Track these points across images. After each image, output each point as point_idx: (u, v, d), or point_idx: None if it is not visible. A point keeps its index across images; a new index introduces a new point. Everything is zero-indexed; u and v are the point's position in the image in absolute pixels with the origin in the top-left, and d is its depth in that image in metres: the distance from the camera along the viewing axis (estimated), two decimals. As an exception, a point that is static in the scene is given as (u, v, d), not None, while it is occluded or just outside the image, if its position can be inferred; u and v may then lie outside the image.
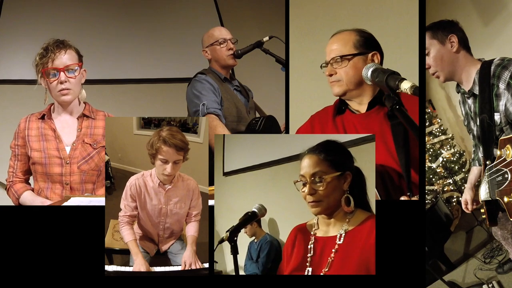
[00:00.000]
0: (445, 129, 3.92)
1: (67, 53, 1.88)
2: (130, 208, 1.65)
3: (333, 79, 1.71)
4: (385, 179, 1.57)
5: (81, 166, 1.92)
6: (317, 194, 1.24)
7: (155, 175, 1.64)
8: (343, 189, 1.26)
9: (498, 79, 1.67)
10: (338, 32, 1.75)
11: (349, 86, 1.69)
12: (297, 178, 1.28)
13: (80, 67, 1.92)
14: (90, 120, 1.99)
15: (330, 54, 1.72)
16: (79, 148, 1.94)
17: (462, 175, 3.71)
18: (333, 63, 1.70)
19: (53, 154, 1.92)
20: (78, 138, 1.95)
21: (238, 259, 1.44)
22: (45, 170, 1.92)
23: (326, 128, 1.74)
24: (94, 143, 1.95)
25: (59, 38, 1.93)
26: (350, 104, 1.75)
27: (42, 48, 1.88)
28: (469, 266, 3.01)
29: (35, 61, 1.90)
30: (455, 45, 1.78)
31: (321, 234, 1.34)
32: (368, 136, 1.59)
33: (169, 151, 1.55)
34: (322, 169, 1.24)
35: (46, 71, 1.86)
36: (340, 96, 1.74)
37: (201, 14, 4.05)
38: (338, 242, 1.27)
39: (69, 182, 1.92)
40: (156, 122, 2.58)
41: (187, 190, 1.68)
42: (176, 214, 1.70)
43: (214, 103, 2.36)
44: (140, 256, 1.61)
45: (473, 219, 3.35)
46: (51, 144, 1.94)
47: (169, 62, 4.01)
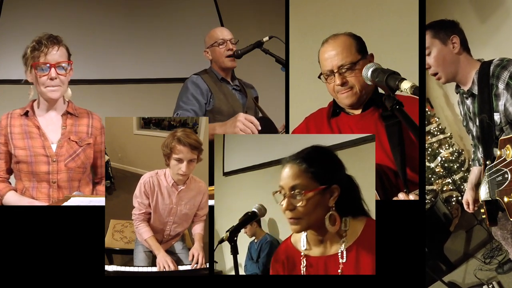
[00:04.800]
0: (443, 128, 3.90)
1: (60, 50, 1.85)
2: (144, 206, 1.68)
3: (346, 88, 1.64)
4: (382, 178, 1.58)
5: (68, 163, 1.89)
6: (296, 210, 1.07)
7: (169, 174, 1.67)
8: (328, 205, 1.09)
9: (498, 79, 1.67)
10: (331, 38, 1.69)
11: (362, 93, 1.65)
12: (276, 190, 1.11)
13: (70, 65, 1.87)
14: (74, 117, 1.95)
15: (333, 62, 1.65)
16: (66, 145, 1.90)
17: (461, 174, 3.69)
18: (343, 71, 1.63)
19: (39, 152, 1.87)
20: (64, 136, 1.91)
21: (238, 259, 1.44)
22: (30, 168, 1.87)
23: (321, 130, 1.73)
24: (79, 141, 1.92)
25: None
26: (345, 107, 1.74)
27: (34, 41, 1.83)
28: (469, 267, 3.01)
29: (24, 53, 1.84)
30: (457, 46, 1.77)
31: (317, 253, 1.18)
32: (368, 136, 1.60)
33: (183, 150, 1.59)
34: (302, 182, 1.06)
35: (37, 65, 1.81)
36: (353, 105, 1.68)
37: (201, 14, 4.05)
38: (341, 261, 1.12)
39: (56, 180, 1.88)
40: (156, 122, 2.59)
41: (198, 192, 1.71)
42: (185, 215, 1.72)
43: (189, 111, 2.40)
44: (162, 251, 1.64)
45: (473, 218, 3.34)
46: (36, 142, 1.89)
47: (169, 62, 4.01)
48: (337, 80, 1.64)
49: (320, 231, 1.12)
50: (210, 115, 2.45)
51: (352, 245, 1.09)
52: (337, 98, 1.71)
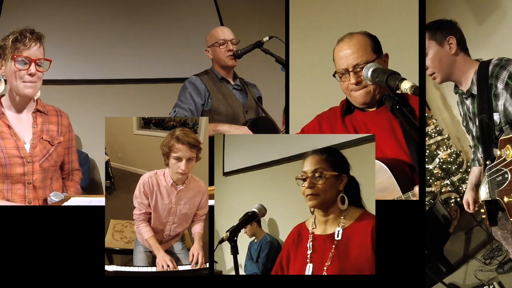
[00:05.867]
0: (441, 130, 3.89)
1: (40, 47, 1.78)
2: (144, 206, 1.68)
3: (360, 87, 1.64)
4: (398, 172, 1.58)
5: (43, 164, 1.84)
6: (316, 188, 1.35)
7: (168, 174, 1.67)
8: (339, 188, 1.36)
9: (497, 79, 1.67)
10: (347, 36, 1.68)
11: (375, 92, 1.65)
12: (299, 175, 1.38)
13: (50, 63, 1.80)
14: (43, 115, 1.89)
15: (348, 60, 1.64)
16: (39, 145, 1.84)
17: (460, 176, 3.69)
18: (358, 70, 1.62)
19: (13, 153, 1.78)
20: (36, 135, 1.84)
21: (238, 259, 1.44)
22: (5, 171, 1.77)
23: (335, 127, 1.73)
24: (51, 140, 1.87)
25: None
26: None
27: (17, 32, 1.75)
28: (470, 268, 3.01)
29: (4, 44, 1.75)
30: (453, 47, 1.77)
31: (319, 232, 1.41)
32: (368, 136, 1.60)
33: (182, 148, 1.59)
34: (322, 167, 1.35)
35: (19, 57, 1.72)
36: (367, 104, 1.68)
37: (201, 14, 4.05)
38: (336, 239, 1.35)
39: (32, 181, 1.81)
40: (156, 122, 2.60)
41: (197, 191, 1.71)
42: (184, 215, 1.72)
43: (186, 110, 2.43)
44: (162, 251, 1.65)
45: (472, 219, 3.34)
46: (8, 142, 1.79)
47: (169, 62, 4.01)
48: (352, 79, 1.64)
49: (326, 211, 1.37)
50: (208, 115, 2.46)
51: (347, 227, 1.34)
52: (350, 97, 1.71)
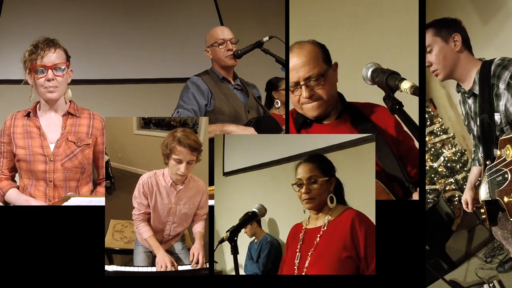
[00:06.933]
0: (446, 128, 3.93)
1: (56, 52, 1.90)
2: (143, 206, 1.68)
3: (313, 100, 1.57)
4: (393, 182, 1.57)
5: (65, 163, 1.94)
6: (312, 193, 1.48)
7: (168, 174, 1.67)
8: (330, 190, 1.49)
9: (498, 79, 1.67)
10: (296, 46, 1.60)
11: (329, 104, 1.60)
12: (295, 182, 1.51)
13: (68, 66, 1.94)
14: (75, 118, 2.00)
15: (299, 73, 1.56)
16: (63, 145, 1.95)
17: (464, 174, 3.71)
18: (311, 83, 1.56)
19: (37, 151, 1.94)
20: (62, 136, 1.96)
21: (238, 259, 1.44)
22: (29, 167, 1.93)
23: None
24: (78, 141, 1.96)
25: (57, 38, 1.95)
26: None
27: (32, 45, 1.89)
28: (471, 266, 3.02)
29: (23, 57, 1.91)
30: (458, 44, 1.77)
31: (311, 226, 1.52)
32: (368, 136, 1.59)
33: (183, 151, 1.59)
34: (316, 174, 1.48)
35: (34, 67, 1.87)
36: (320, 116, 1.62)
37: (201, 14, 4.05)
38: (322, 229, 1.48)
39: (53, 179, 1.93)
40: (156, 122, 2.59)
41: (197, 191, 1.71)
42: (184, 215, 1.72)
43: (189, 111, 2.43)
44: (161, 250, 1.65)
45: (475, 218, 3.35)
46: (35, 141, 1.95)
47: (169, 62, 4.01)
48: (305, 92, 1.56)
49: (318, 210, 1.50)
50: (212, 116, 2.46)
51: (332, 220, 1.48)
52: (301, 110, 1.63)
